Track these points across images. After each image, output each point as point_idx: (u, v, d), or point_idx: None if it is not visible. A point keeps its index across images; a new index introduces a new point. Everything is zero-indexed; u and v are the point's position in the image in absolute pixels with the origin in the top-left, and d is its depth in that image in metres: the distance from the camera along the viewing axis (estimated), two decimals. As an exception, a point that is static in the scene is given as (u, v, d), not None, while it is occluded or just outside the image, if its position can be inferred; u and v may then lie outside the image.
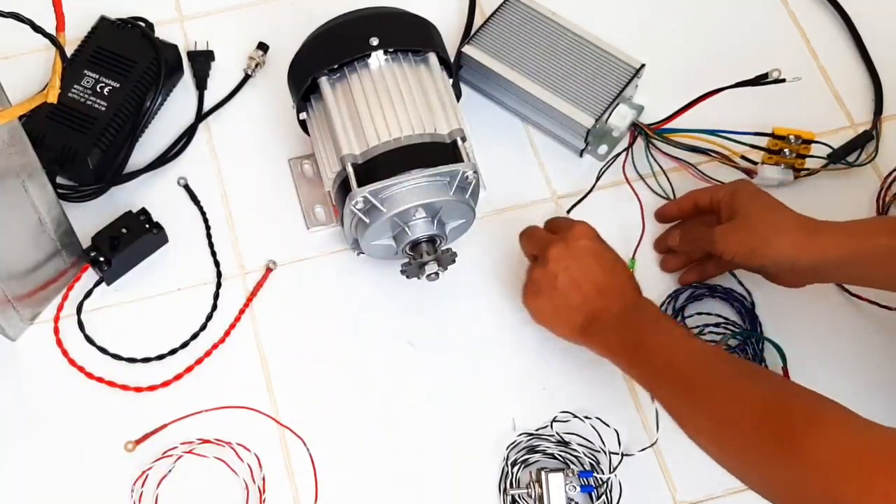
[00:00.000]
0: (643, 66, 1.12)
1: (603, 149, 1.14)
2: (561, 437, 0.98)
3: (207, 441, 0.97)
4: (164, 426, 0.97)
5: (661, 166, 1.12)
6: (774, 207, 0.99)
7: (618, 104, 1.12)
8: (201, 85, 1.15)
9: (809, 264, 0.96)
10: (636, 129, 1.13)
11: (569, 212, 1.10)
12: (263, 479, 0.96)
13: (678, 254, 1.07)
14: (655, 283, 1.07)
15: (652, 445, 0.99)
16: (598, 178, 1.12)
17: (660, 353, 0.89)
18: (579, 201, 1.11)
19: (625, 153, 1.13)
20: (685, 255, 1.06)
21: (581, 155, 1.14)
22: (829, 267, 0.96)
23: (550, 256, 0.96)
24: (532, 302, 0.99)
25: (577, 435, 0.98)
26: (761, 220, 0.98)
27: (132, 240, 1.03)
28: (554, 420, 0.99)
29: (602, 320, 0.93)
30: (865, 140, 1.14)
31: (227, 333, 1.03)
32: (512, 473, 0.97)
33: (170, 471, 0.96)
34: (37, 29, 0.74)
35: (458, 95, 1.10)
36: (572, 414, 0.99)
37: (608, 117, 1.11)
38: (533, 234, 1.02)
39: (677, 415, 0.87)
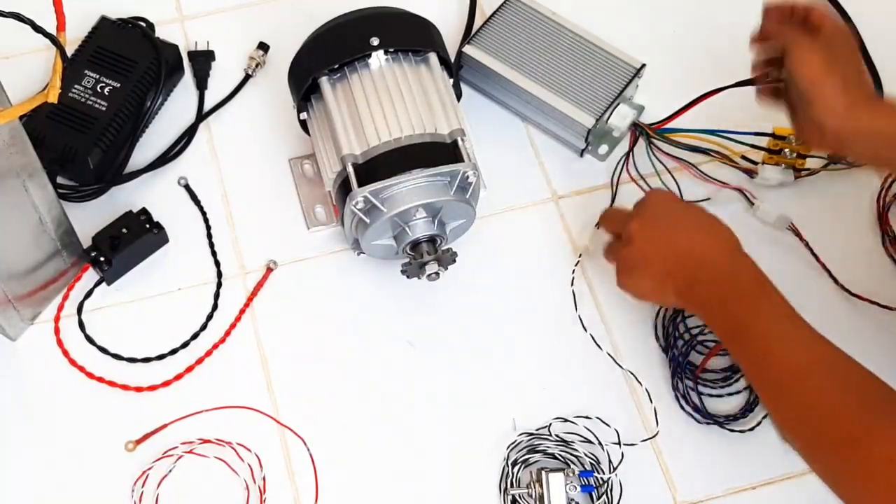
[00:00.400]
0: (643, 65, 1.12)
1: (603, 149, 1.14)
2: (561, 437, 0.98)
3: (208, 441, 0.97)
4: (165, 426, 0.97)
5: (665, 165, 1.12)
6: (858, 72, 0.96)
7: (618, 104, 1.12)
8: (202, 85, 1.15)
9: (839, 133, 0.94)
10: (637, 128, 1.13)
11: (597, 227, 1.09)
12: (264, 479, 0.96)
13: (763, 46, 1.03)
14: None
15: (653, 437, 0.99)
16: (616, 184, 1.12)
17: (755, 341, 0.88)
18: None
19: (627, 153, 1.13)
20: (768, 43, 1.02)
21: (582, 155, 1.14)
22: (863, 139, 0.94)
23: (632, 233, 0.95)
24: (627, 281, 0.98)
25: (577, 435, 0.98)
26: (840, 71, 0.94)
27: (133, 240, 1.03)
28: (554, 420, 0.99)
29: (695, 290, 0.92)
30: (866, 140, 1.14)
31: (227, 333, 1.03)
32: (512, 473, 0.97)
33: (170, 471, 0.96)
34: (37, 29, 0.74)
35: (459, 95, 1.10)
36: (572, 414, 0.99)
37: (609, 117, 1.12)
38: (612, 213, 1.03)
39: (767, 407, 0.90)
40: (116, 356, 1.01)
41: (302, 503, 0.96)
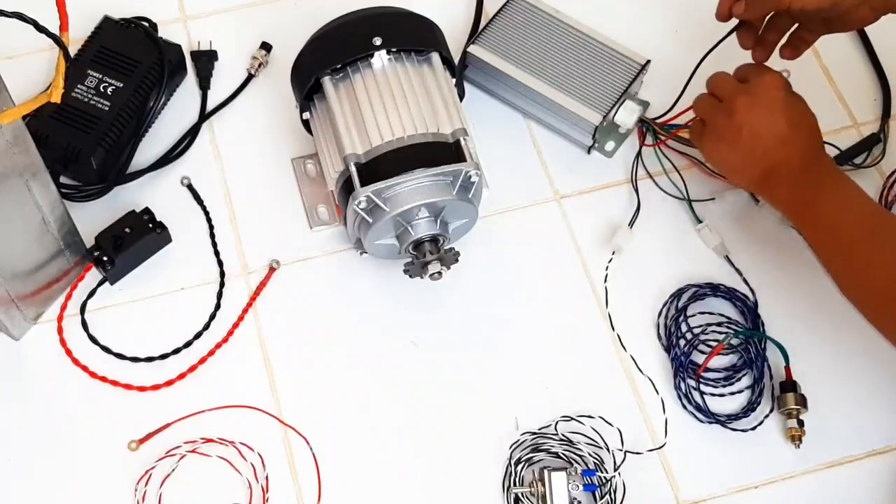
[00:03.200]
0: (648, 62, 1.12)
1: (610, 145, 1.14)
2: (565, 436, 0.98)
3: (211, 440, 0.97)
4: (168, 425, 0.98)
5: (672, 162, 1.12)
6: None
7: (624, 100, 1.12)
8: (205, 85, 1.15)
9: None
10: (643, 124, 1.13)
11: (630, 226, 1.09)
12: (267, 479, 0.96)
13: (745, 27, 1.04)
14: (656, 280, 1.07)
15: (660, 448, 0.99)
16: (636, 184, 1.11)
17: (827, 214, 0.94)
18: (634, 218, 1.09)
19: (638, 153, 1.12)
20: (749, 22, 1.03)
21: (589, 152, 1.14)
22: None
23: (738, 107, 0.97)
24: (711, 147, 1.01)
25: (580, 434, 0.98)
26: None
27: (135, 239, 1.03)
28: (559, 419, 0.99)
29: (779, 173, 0.96)
30: (873, 143, 1.14)
31: (230, 333, 1.03)
32: (515, 472, 0.97)
33: (173, 470, 0.96)
34: (40, 29, 0.74)
35: (462, 95, 1.10)
36: (576, 413, 0.99)
37: (615, 114, 1.11)
38: (721, 79, 1.02)
39: (837, 279, 0.96)
40: (119, 356, 1.01)
41: (305, 502, 0.96)
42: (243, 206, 1.10)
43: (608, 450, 0.97)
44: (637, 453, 0.98)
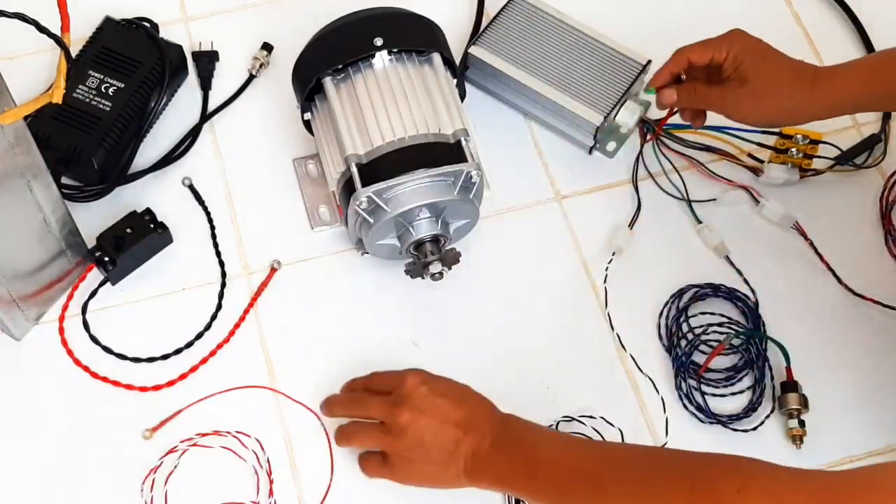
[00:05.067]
0: (650, 62, 1.12)
1: (611, 146, 1.14)
2: (565, 436, 0.98)
3: (214, 433, 0.97)
4: (172, 416, 0.98)
5: (672, 164, 1.12)
6: (781, 71, 1.00)
7: (625, 101, 1.12)
8: (206, 85, 1.16)
9: (818, 115, 1.03)
10: (644, 125, 1.13)
11: (630, 227, 1.09)
12: (270, 481, 0.96)
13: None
14: (657, 280, 1.07)
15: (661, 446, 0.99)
16: (636, 184, 1.11)
17: (559, 463, 0.85)
18: (634, 219, 1.09)
19: (639, 153, 1.12)
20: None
21: (590, 152, 1.14)
22: (839, 111, 1.04)
23: (402, 423, 0.89)
24: (406, 475, 0.92)
25: (581, 434, 0.98)
26: (774, 90, 0.99)
27: (137, 240, 1.03)
28: (560, 419, 0.99)
29: (480, 455, 0.87)
30: (874, 143, 1.14)
31: (231, 333, 1.03)
32: (516, 473, 0.97)
33: (175, 466, 0.96)
34: (42, 29, 0.74)
35: (463, 96, 1.10)
36: (576, 413, 0.99)
37: (616, 114, 1.11)
38: (366, 404, 0.93)
39: None
40: (121, 356, 1.01)
41: (306, 502, 0.96)
42: (245, 207, 1.10)
43: (609, 450, 0.97)
44: (638, 453, 0.98)
